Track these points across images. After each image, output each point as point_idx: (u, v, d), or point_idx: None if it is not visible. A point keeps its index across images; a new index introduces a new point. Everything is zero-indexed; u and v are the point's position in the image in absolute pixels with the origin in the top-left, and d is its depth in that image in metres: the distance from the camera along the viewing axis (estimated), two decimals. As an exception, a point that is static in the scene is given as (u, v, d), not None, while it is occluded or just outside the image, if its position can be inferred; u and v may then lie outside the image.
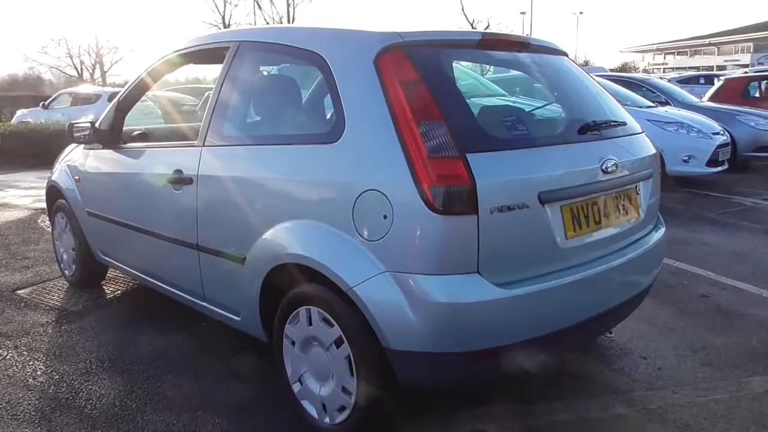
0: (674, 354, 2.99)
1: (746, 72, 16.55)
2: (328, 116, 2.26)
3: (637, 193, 2.47)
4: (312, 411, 2.28)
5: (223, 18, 39.63)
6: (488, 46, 2.39)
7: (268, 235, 2.29)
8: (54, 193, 4.06)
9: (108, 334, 3.30)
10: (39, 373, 2.86)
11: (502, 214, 1.90)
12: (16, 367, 2.92)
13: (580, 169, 2.18)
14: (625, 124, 2.54)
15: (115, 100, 3.48)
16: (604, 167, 2.22)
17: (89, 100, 14.50)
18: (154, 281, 3.21)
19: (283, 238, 2.23)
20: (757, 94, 11.36)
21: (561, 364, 2.78)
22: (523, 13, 56.07)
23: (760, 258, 4.57)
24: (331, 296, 2.09)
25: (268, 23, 41.25)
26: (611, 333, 3.10)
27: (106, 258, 3.65)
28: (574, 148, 2.23)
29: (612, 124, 2.44)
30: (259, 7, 38.76)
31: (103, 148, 3.44)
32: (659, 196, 2.67)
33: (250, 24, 40.39)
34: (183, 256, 2.80)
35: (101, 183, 3.48)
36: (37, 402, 2.58)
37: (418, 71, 2.03)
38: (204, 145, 2.64)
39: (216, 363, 2.91)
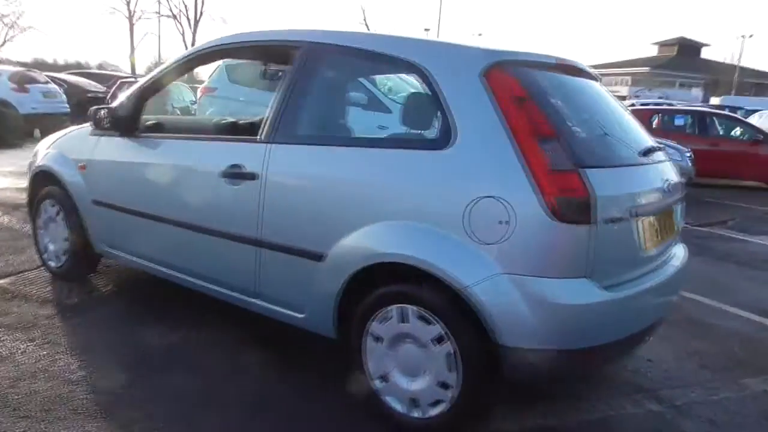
0: (674, 358, 3.33)
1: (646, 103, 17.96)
2: (433, 123, 2.36)
3: (675, 213, 2.77)
4: (397, 406, 2.35)
5: (128, 4, 37.85)
6: (559, 69, 2.59)
7: (359, 234, 2.34)
8: (42, 179, 3.79)
9: (124, 328, 3.16)
10: (74, 367, 2.69)
11: (609, 224, 2.11)
12: (45, 361, 2.73)
13: (654, 187, 2.43)
14: (664, 149, 2.83)
15: (137, 85, 3.35)
16: (666, 187, 2.49)
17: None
18: (179, 275, 3.11)
19: (380, 238, 2.29)
20: (655, 125, 12.35)
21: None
22: (427, 29, 57.63)
23: (703, 275, 5.14)
24: (433, 295, 2.19)
25: (173, 13, 39.71)
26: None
27: (111, 250, 3.47)
28: (647, 168, 2.49)
29: (658, 148, 2.73)
30: (165, -4, 37.38)
31: (121, 136, 3.29)
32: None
33: (156, 13, 38.74)
34: (234, 251, 2.76)
35: (119, 172, 3.31)
36: (91, 396, 2.45)
37: (524, 88, 2.20)
38: (271, 142, 2.64)
39: (264, 357, 2.89)
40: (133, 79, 16.93)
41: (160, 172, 3.10)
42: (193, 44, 40.02)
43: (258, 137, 2.70)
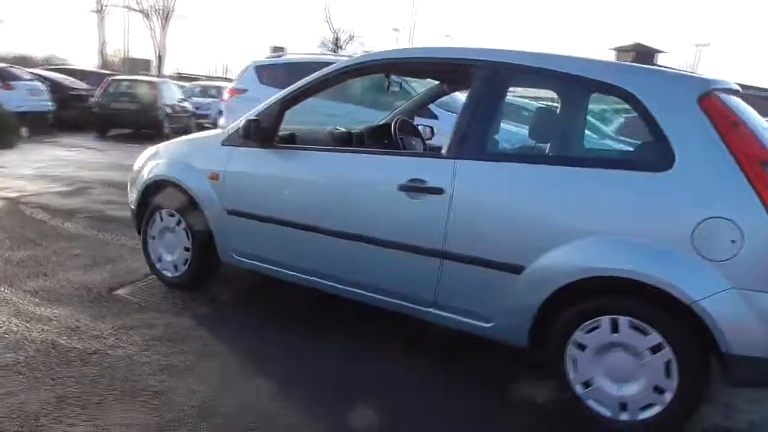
0: None
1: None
2: (648, 146, 2.50)
3: None
4: (602, 410, 2.49)
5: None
6: (737, 93, 2.75)
7: (569, 248, 2.46)
8: (157, 189, 3.77)
9: (279, 345, 3.19)
10: (269, 387, 2.72)
11: None
12: (235, 379, 2.76)
13: None
14: None
15: (278, 96, 3.38)
16: None
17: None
18: (331, 283, 3.17)
19: (595, 253, 2.42)
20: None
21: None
22: (396, 29, 57.86)
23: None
24: (649, 307, 2.35)
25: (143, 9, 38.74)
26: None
27: (243, 259, 3.49)
28: None
29: None
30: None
31: (262, 147, 3.32)
32: None
33: (126, 7, 37.82)
34: (411, 262, 2.84)
35: (266, 183, 3.33)
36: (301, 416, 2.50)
37: (736, 113, 2.38)
38: (458, 158, 2.74)
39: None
40: (128, 78, 16.47)
41: (320, 184, 3.15)
42: (161, 42, 39.21)
43: (443, 152, 2.80)
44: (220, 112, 9.44)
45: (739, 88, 2.77)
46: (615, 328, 2.43)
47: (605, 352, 2.48)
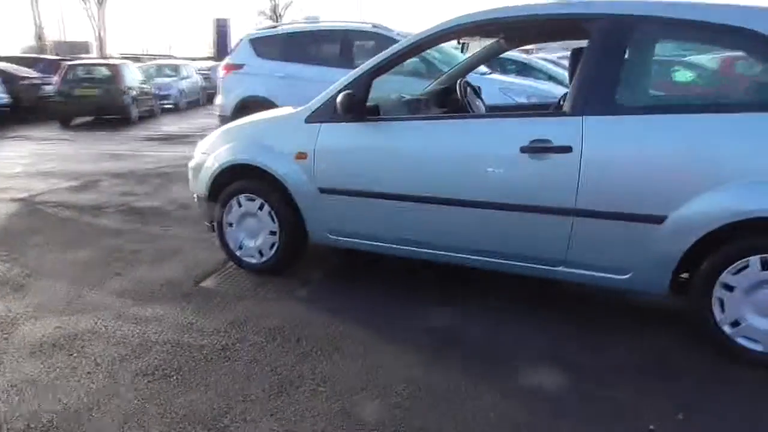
0: None
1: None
2: None
3: None
4: (752, 345, 2.59)
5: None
6: None
7: (715, 194, 2.50)
8: (233, 174, 3.63)
9: (404, 317, 3.16)
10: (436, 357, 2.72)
11: None
12: (391, 355, 2.74)
13: None
14: None
15: (368, 66, 3.27)
16: None
17: None
18: (444, 252, 3.15)
19: (746, 196, 2.47)
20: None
21: None
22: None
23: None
24: None
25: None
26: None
27: (339, 237, 3.42)
28: None
29: None
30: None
31: (355, 121, 3.23)
32: None
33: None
34: (539, 223, 2.85)
35: (365, 156, 3.24)
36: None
37: None
38: (586, 114, 2.73)
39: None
40: (87, 62, 15.64)
41: (433, 153, 3.09)
42: (100, 23, 37.17)
43: (566, 110, 2.79)
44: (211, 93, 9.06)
45: None
46: (765, 266, 2.51)
47: (755, 290, 2.56)
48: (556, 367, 2.62)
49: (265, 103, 6.41)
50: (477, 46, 4.49)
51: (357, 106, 3.19)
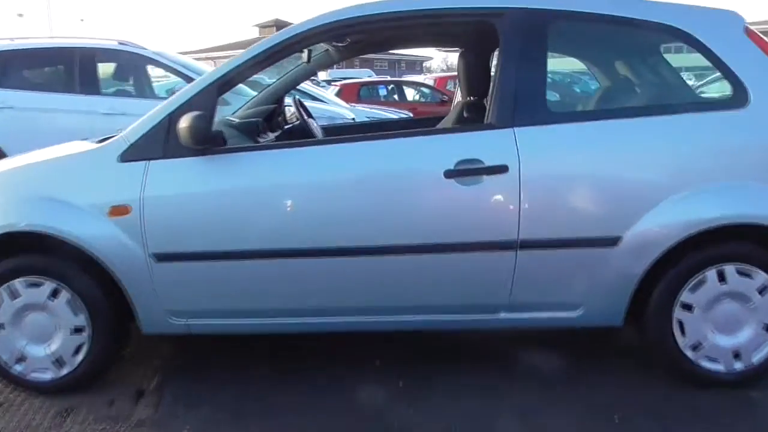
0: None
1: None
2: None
3: None
4: (714, 366, 2.37)
5: None
6: None
7: (669, 205, 2.23)
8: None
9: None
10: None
11: None
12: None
13: None
14: None
15: (208, 78, 2.35)
16: None
17: None
18: (352, 318, 2.41)
19: (702, 204, 2.23)
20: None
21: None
22: (21, 15, 49.48)
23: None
24: (760, 249, 2.29)
25: None
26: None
27: (191, 321, 2.41)
28: None
29: None
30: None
31: (200, 154, 2.29)
32: None
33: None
34: (476, 262, 2.30)
35: (224, 202, 2.30)
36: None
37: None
38: (516, 126, 2.25)
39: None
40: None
41: (321, 192, 2.31)
42: None
43: (492, 122, 2.27)
44: None
45: None
46: (721, 278, 2.31)
47: (712, 306, 2.33)
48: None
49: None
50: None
51: (208, 133, 2.25)
